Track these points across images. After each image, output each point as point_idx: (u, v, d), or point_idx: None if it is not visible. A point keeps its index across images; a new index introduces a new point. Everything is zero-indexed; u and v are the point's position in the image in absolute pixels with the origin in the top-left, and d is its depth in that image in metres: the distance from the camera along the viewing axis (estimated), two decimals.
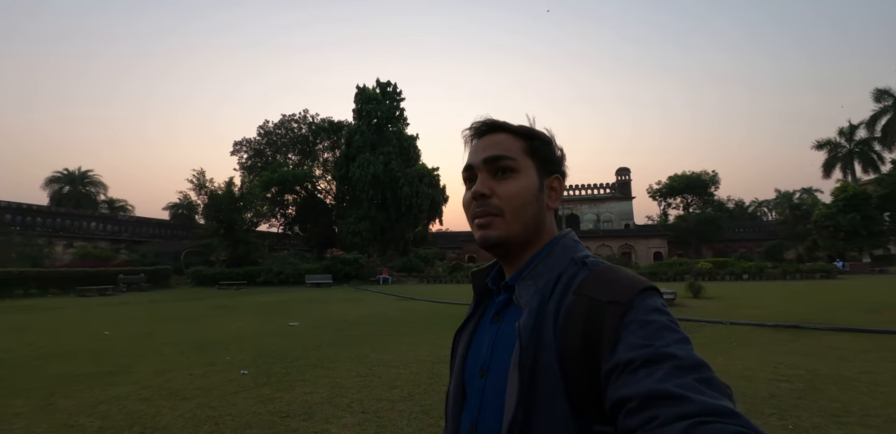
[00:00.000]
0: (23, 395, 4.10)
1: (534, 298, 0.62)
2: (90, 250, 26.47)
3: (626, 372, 0.49)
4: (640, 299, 0.56)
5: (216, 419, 3.37)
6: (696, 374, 0.47)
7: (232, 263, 25.07)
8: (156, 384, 4.40)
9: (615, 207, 45.17)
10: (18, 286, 17.52)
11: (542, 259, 0.67)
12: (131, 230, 32.77)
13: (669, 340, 0.51)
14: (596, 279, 0.60)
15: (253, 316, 10.16)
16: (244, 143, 36.67)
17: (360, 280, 24.16)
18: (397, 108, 32.44)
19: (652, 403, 0.45)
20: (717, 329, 7.59)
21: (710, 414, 0.42)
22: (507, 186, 0.67)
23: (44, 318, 10.13)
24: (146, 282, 20.96)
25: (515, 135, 0.71)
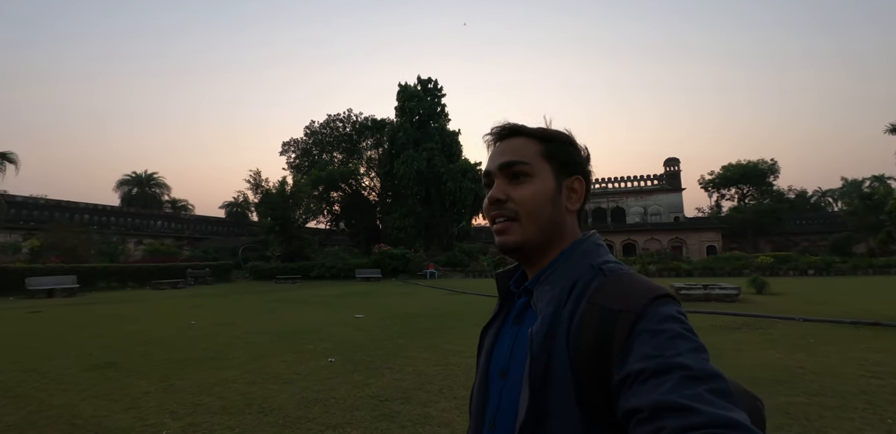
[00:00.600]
0: (144, 376, 4.62)
1: (549, 305, 0.63)
2: (158, 247, 28.51)
3: (636, 382, 0.49)
4: (653, 308, 0.55)
5: (323, 401, 3.70)
6: (707, 384, 0.47)
7: (286, 258, 26.30)
8: (256, 369, 4.83)
9: (663, 199, 43.52)
10: (102, 279, 19.24)
11: (561, 264, 0.67)
12: (192, 228, 34.98)
13: (682, 350, 0.50)
14: (609, 287, 0.60)
15: (318, 308, 10.72)
16: (292, 143, 38.12)
17: (407, 274, 24.72)
18: (438, 105, 32.66)
19: (660, 415, 0.45)
20: (789, 326, 7.30)
21: (718, 426, 0.42)
22: (522, 191, 0.68)
23: (133, 309, 11.13)
24: (210, 276, 22.44)
25: (533, 138, 0.71)
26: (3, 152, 15.59)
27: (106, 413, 3.54)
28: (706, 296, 11.13)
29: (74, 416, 3.48)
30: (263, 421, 3.31)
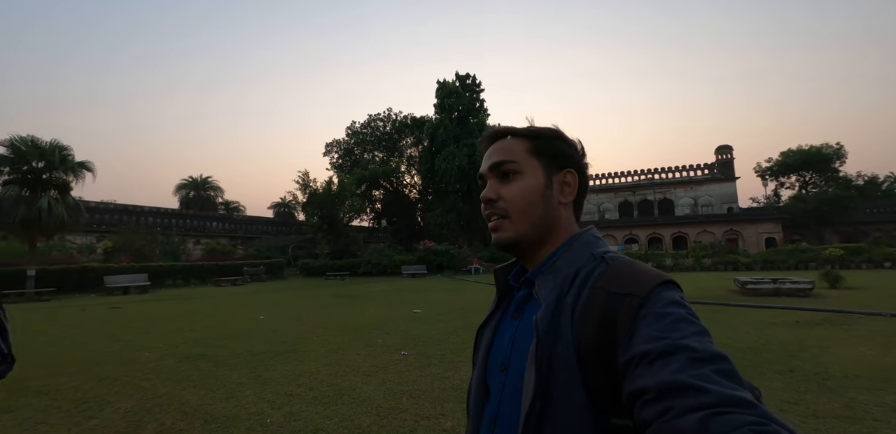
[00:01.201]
0: (233, 368, 4.90)
1: (552, 292, 0.63)
2: (214, 246, 30.10)
3: (642, 364, 0.49)
4: (657, 292, 0.56)
5: (409, 393, 3.80)
6: (712, 365, 0.47)
7: (334, 256, 27.07)
8: (334, 361, 5.01)
9: (715, 190, 41.37)
10: (168, 277, 20.55)
11: (562, 255, 0.68)
12: (244, 228, 36.67)
13: (686, 332, 0.51)
14: (613, 273, 0.61)
15: (374, 303, 10.99)
16: (334, 144, 39.10)
17: (451, 270, 24.85)
18: (477, 100, 32.49)
19: (668, 395, 0.45)
20: (876, 322, 6.79)
21: (727, 404, 0.42)
22: (512, 189, 0.70)
23: (202, 305, 11.82)
24: (265, 273, 23.47)
25: (520, 137, 0.74)
26: (81, 161, 16.90)
27: (209, 402, 3.79)
28: (776, 290, 10.53)
29: (182, 404, 3.74)
30: (357, 411, 3.44)
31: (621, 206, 44.56)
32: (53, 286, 15.81)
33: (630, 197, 44.28)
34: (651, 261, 24.37)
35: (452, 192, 30.08)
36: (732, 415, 0.41)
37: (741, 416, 0.41)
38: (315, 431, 3.08)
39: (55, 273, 16.44)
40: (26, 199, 15.67)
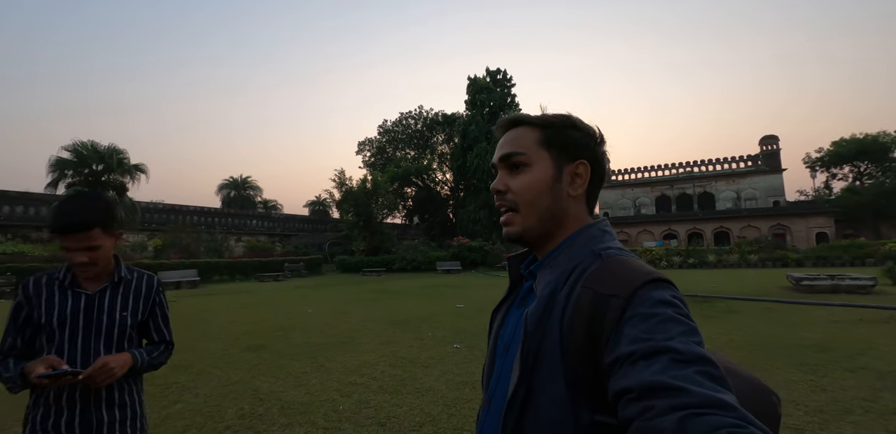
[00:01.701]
0: (294, 358, 5.13)
1: (546, 287, 0.64)
2: (255, 243, 31.21)
3: (626, 364, 0.50)
4: (644, 292, 0.55)
5: (471, 384, 3.89)
6: (696, 367, 0.47)
7: (370, 252, 27.59)
8: (389, 353, 5.17)
9: (760, 182, 39.54)
10: (215, 273, 21.50)
11: (564, 249, 0.68)
12: (282, 225, 37.85)
13: (673, 333, 0.50)
14: (603, 271, 0.60)
15: (415, 298, 11.17)
16: (367, 142, 39.69)
17: (485, 266, 24.86)
18: (509, 95, 32.25)
19: (649, 394, 0.45)
20: None
21: (707, 406, 0.42)
22: (519, 181, 0.70)
23: (251, 299, 12.33)
24: (304, 269, 24.20)
25: (532, 126, 0.72)
26: (136, 164, 17.94)
27: (280, 389, 4.00)
28: (834, 287, 10.04)
29: (255, 391, 3.96)
30: (424, 400, 3.55)
31: (658, 201, 43.29)
32: None
33: (668, 191, 42.94)
34: (692, 256, 23.62)
35: (484, 189, 30.00)
36: (711, 416, 0.41)
37: (720, 417, 0.41)
38: (388, 418, 3.21)
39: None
40: None
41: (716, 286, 12.04)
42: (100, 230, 1.29)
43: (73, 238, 1.26)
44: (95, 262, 1.31)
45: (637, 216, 41.37)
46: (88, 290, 1.37)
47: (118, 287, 1.41)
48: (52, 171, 17.01)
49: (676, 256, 24.01)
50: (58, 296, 1.33)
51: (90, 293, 1.37)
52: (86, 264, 1.30)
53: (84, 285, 1.38)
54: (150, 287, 1.48)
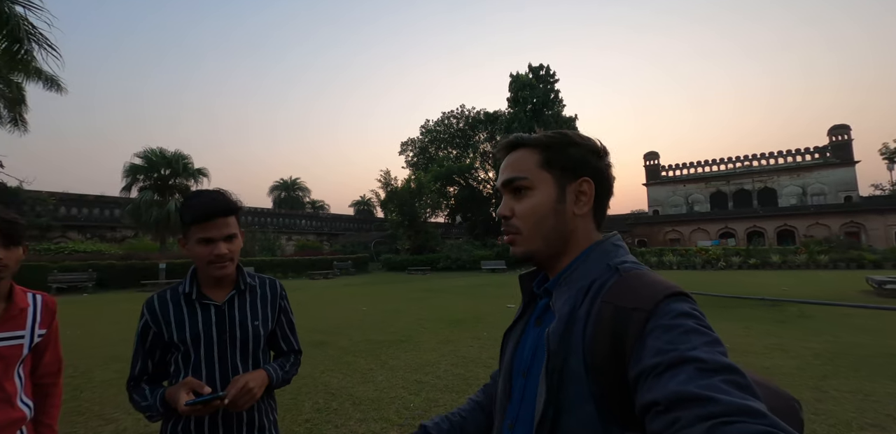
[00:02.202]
0: (359, 355, 5.29)
1: (565, 305, 0.63)
2: (305, 242, 32.42)
3: (651, 376, 0.49)
4: (664, 305, 0.55)
5: None
6: (722, 375, 0.46)
7: (414, 251, 27.99)
8: (449, 352, 5.23)
9: (828, 176, 36.57)
10: (269, 271, 22.57)
11: (579, 265, 0.67)
12: (329, 225, 39.13)
13: (696, 343, 0.50)
14: (622, 286, 0.60)
15: (463, 297, 11.24)
16: (409, 142, 40.20)
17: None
18: (552, 91, 31.66)
19: (676, 406, 0.44)
20: None
21: (735, 413, 0.41)
22: (522, 205, 0.71)
23: (304, 296, 12.84)
24: (352, 267, 24.91)
25: (531, 147, 0.72)
26: (199, 168, 19.20)
27: (349, 385, 4.15)
28: None
29: (326, 386, 4.13)
30: None
31: (713, 197, 41.09)
32: (179, 277, 18.04)
33: (724, 186, 40.66)
34: (753, 257, 22.26)
35: None
36: (740, 424, 0.40)
37: (749, 425, 0.40)
38: None
39: (180, 266, 18.73)
40: (157, 203, 18.04)
41: (786, 289, 11.31)
42: (235, 220, 1.24)
43: (216, 225, 1.18)
44: (232, 256, 1.23)
45: (690, 214, 39.44)
46: (217, 301, 1.26)
47: (244, 295, 1.31)
48: (126, 176, 18.48)
49: (735, 256, 22.70)
50: (186, 310, 1.23)
51: (219, 304, 1.26)
52: (224, 258, 1.20)
53: (211, 296, 1.27)
54: (275, 292, 1.38)
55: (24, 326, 1.35)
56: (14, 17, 6.70)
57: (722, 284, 13.21)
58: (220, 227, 1.19)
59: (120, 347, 5.67)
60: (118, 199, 23.84)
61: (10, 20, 6.56)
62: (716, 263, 22.56)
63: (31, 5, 6.92)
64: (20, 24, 6.71)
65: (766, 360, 4.67)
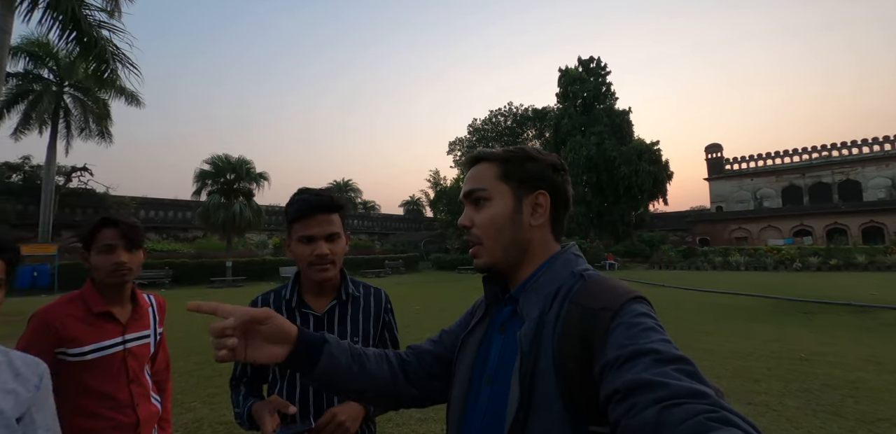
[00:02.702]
0: None
1: (534, 308, 0.66)
2: (357, 241, 33.39)
3: (613, 369, 0.52)
4: (628, 305, 0.59)
5: None
6: (674, 365, 0.49)
7: (464, 250, 28.04)
8: None
9: None
10: None
11: (544, 273, 0.70)
12: (380, 225, 40.13)
13: (654, 339, 0.53)
14: (589, 289, 0.64)
15: None
16: (457, 142, 40.35)
17: None
18: (603, 84, 30.61)
19: (632, 392, 0.47)
20: None
21: (684, 396, 0.44)
22: (482, 216, 0.73)
23: None
24: (402, 266, 25.39)
25: (490, 161, 0.75)
26: (260, 172, 20.39)
27: None
28: None
29: None
30: None
31: (786, 192, 38.00)
32: (243, 275, 19.22)
33: (798, 180, 37.49)
34: (834, 257, 20.33)
35: (580, 184, 28.85)
36: (687, 405, 0.43)
37: (695, 405, 0.43)
38: None
39: (244, 264, 19.95)
40: (224, 205, 19.32)
41: (875, 293, 10.21)
42: (339, 218, 1.17)
43: (317, 222, 1.12)
44: (333, 258, 1.15)
45: (759, 210, 36.62)
46: (316, 311, 1.19)
47: (346, 306, 1.22)
48: (197, 181, 19.96)
49: (813, 256, 20.84)
50: (287, 319, 1.17)
51: (318, 314, 1.19)
52: (325, 258, 1.13)
53: (311, 304, 1.20)
54: (380, 305, 1.27)
55: (148, 326, 1.42)
56: (101, 40, 7.44)
57: (799, 288, 12.16)
58: (321, 224, 1.13)
59: (196, 340, 6.10)
60: (189, 202, 25.78)
61: (98, 43, 7.31)
62: (790, 264, 20.81)
63: (115, 29, 7.65)
64: (106, 47, 7.45)
65: (856, 373, 4.21)
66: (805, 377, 4.06)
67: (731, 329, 6.44)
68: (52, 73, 19.24)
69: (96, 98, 19.56)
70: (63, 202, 22.91)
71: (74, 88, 19.58)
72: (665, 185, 29.12)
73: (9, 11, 8.67)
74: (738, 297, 10.37)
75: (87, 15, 7.35)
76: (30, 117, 18.69)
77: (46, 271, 15.31)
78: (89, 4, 7.38)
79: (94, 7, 7.55)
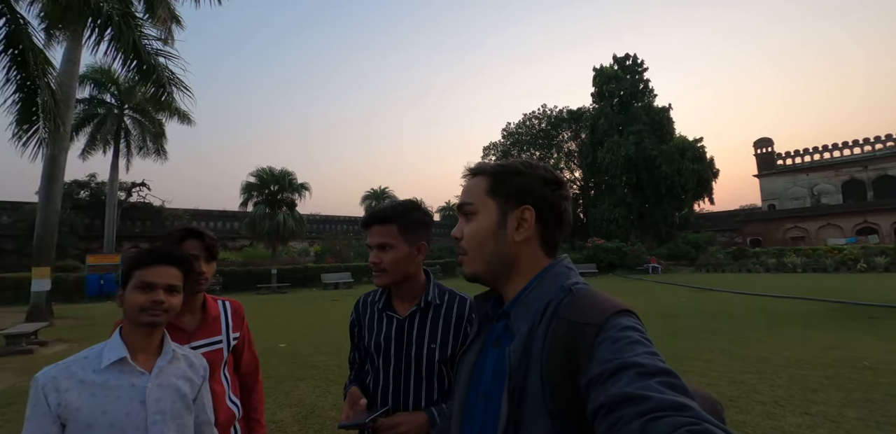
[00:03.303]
0: None
1: (523, 324, 0.66)
2: None
3: (598, 384, 0.52)
4: (613, 319, 0.58)
5: None
6: (658, 378, 0.49)
7: None
8: None
9: None
10: (364, 275, 24.03)
11: (535, 287, 0.70)
12: None
13: (639, 352, 0.53)
14: (575, 304, 0.63)
15: None
16: (491, 146, 40.26)
17: (624, 269, 23.21)
18: (641, 81, 29.78)
19: (617, 406, 0.47)
20: None
21: (667, 409, 0.45)
22: (469, 228, 0.75)
23: None
24: (440, 271, 25.58)
25: (483, 175, 0.76)
26: (302, 183, 21.28)
27: None
28: None
29: None
30: None
31: (846, 187, 35.43)
32: (287, 282, 19.98)
33: (859, 173, 34.86)
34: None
35: (619, 185, 28.13)
36: (669, 418, 0.44)
37: (677, 418, 0.43)
38: None
39: (287, 271, 20.75)
40: (268, 215, 20.22)
41: None
42: (396, 229, 1.19)
43: (371, 233, 1.20)
44: (383, 267, 1.19)
45: (816, 207, 34.29)
46: (399, 315, 1.24)
47: (427, 313, 1.24)
48: (243, 193, 21.03)
49: (880, 257, 19.30)
50: (376, 318, 1.27)
51: (401, 318, 1.23)
52: (377, 266, 1.19)
53: (396, 308, 1.26)
54: (462, 314, 1.25)
55: (220, 332, 1.49)
56: (158, 67, 8.09)
57: (863, 291, 11.32)
58: (374, 235, 1.20)
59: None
60: (237, 212, 27.15)
61: (156, 69, 7.95)
62: (853, 265, 19.37)
63: (170, 56, 8.30)
64: (163, 73, 8.10)
65: None
66: (868, 387, 3.82)
67: (787, 335, 6.11)
68: (113, 98, 20.91)
69: (153, 118, 21.07)
70: (124, 215, 24.71)
71: (133, 110, 21.18)
72: (710, 184, 27.87)
73: (77, 45, 9.59)
74: (794, 301, 9.79)
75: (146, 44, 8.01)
76: (95, 138, 20.36)
77: (112, 280, 16.52)
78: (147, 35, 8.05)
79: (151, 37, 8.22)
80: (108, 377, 1.06)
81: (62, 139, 8.98)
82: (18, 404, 4.02)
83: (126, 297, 1.11)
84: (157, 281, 1.11)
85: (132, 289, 1.10)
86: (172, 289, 1.14)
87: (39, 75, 6.75)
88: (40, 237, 9.35)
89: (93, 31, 7.66)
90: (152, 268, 1.12)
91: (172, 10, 11.16)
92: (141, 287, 1.10)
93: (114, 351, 1.09)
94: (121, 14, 7.65)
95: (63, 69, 9.03)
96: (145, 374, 1.11)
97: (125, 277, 1.14)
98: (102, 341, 1.15)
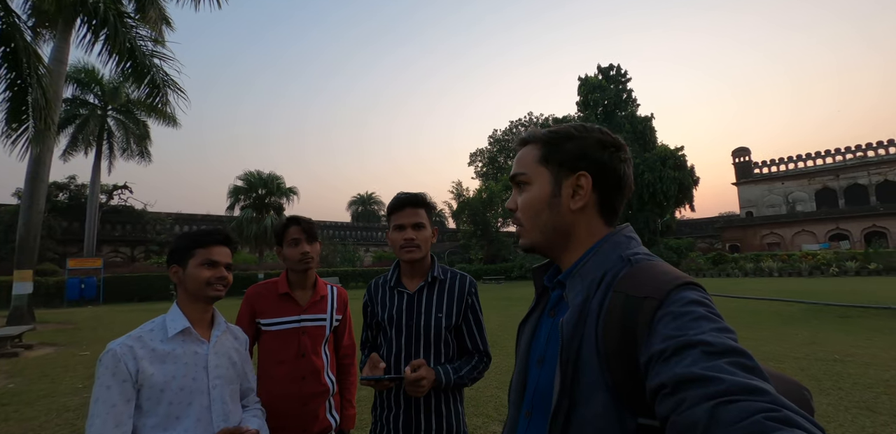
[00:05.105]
0: None
1: (578, 296, 0.64)
2: (382, 253, 33.90)
3: (659, 361, 0.49)
4: (675, 293, 0.55)
5: None
6: (727, 358, 0.46)
7: (487, 261, 28.14)
8: None
9: None
10: (351, 280, 23.94)
11: (591, 257, 0.67)
12: None
13: (704, 329, 0.49)
14: (633, 276, 0.60)
15: None
16: (478, 153, 40.71)
17: None
18: (624, 91, 30.56)
19: (681, 387, 0.45)
20: None
21: (738, 392, 0.41)
22: (522, 199, 0.73)
23: None
24: None
25: (534, 143, 0.74)
26: (290, 187, 21.16)
27: None
28: None
29: None
30: None
31: (819, 195, 36.79)
32: None
33: (832, 182, 36.26)
34: (874, 261, 19.58)
35: None
36: (743, 402, 0.40)
37: (752, 403, 0.40)
38: None
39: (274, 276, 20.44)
40: (256, 219, 20.06)
41: None
42: (425, 212, 1.43)
43: (405, 214, 1.41)
44: (419, 243, 1.40)
45: (791, 214, 35.52)
46: (409, 290, 1.45)
47: (433, 287, 1.45)
48: (230, 196, 20.84)
49: (851, 261, 20.12)
50: (388, 295, 1.47)
51: (410, 293, 1.44)
52: (411, 242, 1.39)
53: (406, 285, 1.47)
54: (464, 288, 1.46)
55: (325, 311, 1.66)
56: (153, 68, 8.10)
57: (837, 292, 11.83)
58: (408, 216, 1.41)
59: None
60: (221, 216, 26.81)
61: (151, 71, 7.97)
62: (826, 269, 20.14)
63: (165, 57, 8.32)
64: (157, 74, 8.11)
65: (891, 372, 4.22)
66: (838, 377, 4.09)
67: (764, 333, 6.41)
68: (97, 98, 20.57)
69: (137, 120, 20.78)
70: (104, 219, 24.17)
71: (117, 111, 20.86)
72: (691, 191, 28.62)
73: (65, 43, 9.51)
74: (772, 302, 10.19)
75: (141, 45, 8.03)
76: (77, 139, 19.98)
77: (93, 284, 16.16)
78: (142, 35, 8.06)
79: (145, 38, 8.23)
80: (175, 346, 1.18)
81: (48, 139, 8.88)
82: (10, 406, 4.00)
83: (190, 272, 1.22)
84: (220, 259, 1.25)
85: (197, 265, 1.22)
86: (229, 266, 1.28)
87: (31, 74, 6.71)
88: (23, 239, 9.17)
89: (88, 30, 7.65)
90: (216, 247, 1.25)
91: (163, 11, 11.16)
92: (206, 264, 1.23)
93: (177, 322, 1.21)
94: (116, 14, 7.65)
95: (51, 68, 8.95)
96: (205, 343, 1.24)
97: (182, 255, 1.25)
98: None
